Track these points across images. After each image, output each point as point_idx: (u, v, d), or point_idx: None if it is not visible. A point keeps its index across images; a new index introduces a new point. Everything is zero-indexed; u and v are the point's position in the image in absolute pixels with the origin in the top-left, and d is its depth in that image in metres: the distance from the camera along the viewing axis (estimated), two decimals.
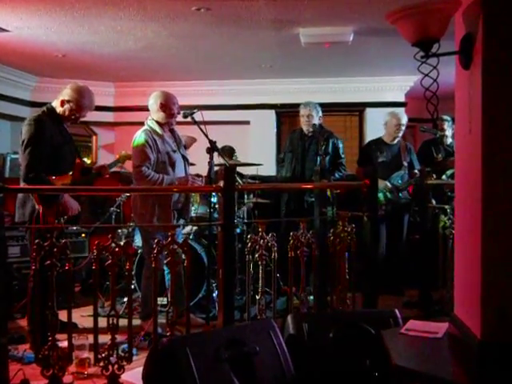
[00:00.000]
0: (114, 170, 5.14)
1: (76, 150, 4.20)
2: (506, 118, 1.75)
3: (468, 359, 1.86)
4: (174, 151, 4.17)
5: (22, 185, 3.72)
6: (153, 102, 4.20)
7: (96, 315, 3.01)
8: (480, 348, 1.77)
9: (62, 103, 3.87)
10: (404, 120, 5.41)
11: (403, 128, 5.41)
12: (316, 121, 5.25)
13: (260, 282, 3.38)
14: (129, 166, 5.18)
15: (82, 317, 4.25)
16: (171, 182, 4.02)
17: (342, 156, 5.40)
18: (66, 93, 3.88)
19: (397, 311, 3.02)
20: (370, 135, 6.92)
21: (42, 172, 3.66)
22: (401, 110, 5.99)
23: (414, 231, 5.39)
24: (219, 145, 4.40)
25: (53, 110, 3.88)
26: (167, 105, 4.14)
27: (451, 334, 2.09)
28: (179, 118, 4.36)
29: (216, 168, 4.77)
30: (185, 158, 4.31)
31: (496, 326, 1.74)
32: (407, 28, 1.95)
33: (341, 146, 5.41)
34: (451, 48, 2.06)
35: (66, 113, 3.88)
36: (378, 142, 5.54)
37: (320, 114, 5.31)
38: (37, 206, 3.63)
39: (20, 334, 3.76)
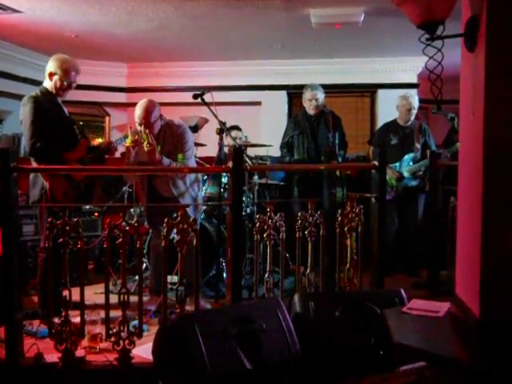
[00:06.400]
0: None
1: (78, 128, 4.19)
2: (509, 103, 1.77)
3: (468, 338, 1.89)
4: None
5: (33, 162, 3.76)
6: None
7: (107, 292, 3.09)
8: (479, 326, 1.81)
9: (50, 76, 3.86)
10: (415, 103, 5.37)
11: (414, 111, 5.38)
12: (321, 102, 5.26)
13: (268, 261, 3.43)
14: None
15: (95, 294, 4.31)
16: None
17: (344, 134, 5.45)
18: (49, 66, 3.88)
19: (402, 291, 3.06)
20: (382, 117, 6.91)
21: (47, 146, 3.69)
22: (413, 92, 5.95)
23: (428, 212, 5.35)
24: (230, 125, 4.41)
25: (46, 89, 3.88)
26: None
27: (452, 313, 2.13)
28: (189, 99, 4.39)
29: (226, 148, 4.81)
30: None
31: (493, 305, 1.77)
32: (412, 10, 1.97)
33: (342, 123, 5.45)
34: (459, 29, 2.07)
35: (58, 83, 3.86)
36: (392, 125, 5.51)
37: (324, 94, 5.33)
38: (45, 183, 3.67)
39: (34, 310, 3.82)
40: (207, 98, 4.23)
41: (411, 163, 5.29)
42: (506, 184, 1.77)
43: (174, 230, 3.09)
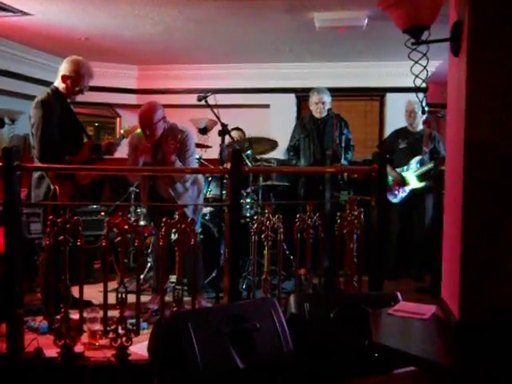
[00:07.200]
0: None
1: (83, 129, 4.26)
2: (488, 106, 1.79)
3: (449, 339, 1.91)
4: None
5: (37, 162, 3.80)
6: None
7: (106, 289, 3.15)
8: (457, 327, 1.83)
9: (64, 79, 3.91)
10: (417, 107, 5.37)
11: (417, 113, 5.38)
12: (328, 106, 5.31)
13: (265, 262, 3.47)
14: None
15: (100, 292, 4.38)
16: None
17: (351, 137, 5.48)
18: (64, 68, 3.92)
19: (399, 294, 3.06)
20: (391, 120, 6.91)
21: (56, 152, 3.74)
22: (420, 96, 5.91)
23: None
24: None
25: (56, 89, 3.92)
26: None
27: (437, 316, 2.15)
28: (194, 101, 4.45)
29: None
30: None
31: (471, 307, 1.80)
32: (398, 15, 2.00)
33: (348, 126, 5.51)
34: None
35: (70, 87, 3.91)
36: (402, 131, 5.53)
37: (330, 98, 5.37)
38: (52, 186, 3.72)
39: (38, 306, 3.92)
40: (211, 100, 4.29)
41: (418, 165, 5.29)
42: (485, 190, 1.80)
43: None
